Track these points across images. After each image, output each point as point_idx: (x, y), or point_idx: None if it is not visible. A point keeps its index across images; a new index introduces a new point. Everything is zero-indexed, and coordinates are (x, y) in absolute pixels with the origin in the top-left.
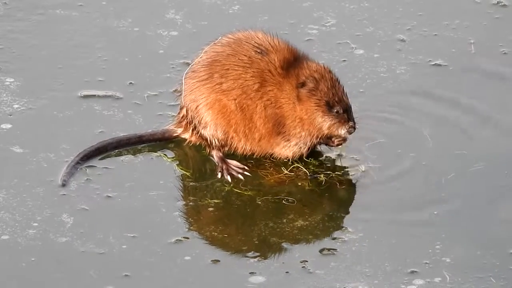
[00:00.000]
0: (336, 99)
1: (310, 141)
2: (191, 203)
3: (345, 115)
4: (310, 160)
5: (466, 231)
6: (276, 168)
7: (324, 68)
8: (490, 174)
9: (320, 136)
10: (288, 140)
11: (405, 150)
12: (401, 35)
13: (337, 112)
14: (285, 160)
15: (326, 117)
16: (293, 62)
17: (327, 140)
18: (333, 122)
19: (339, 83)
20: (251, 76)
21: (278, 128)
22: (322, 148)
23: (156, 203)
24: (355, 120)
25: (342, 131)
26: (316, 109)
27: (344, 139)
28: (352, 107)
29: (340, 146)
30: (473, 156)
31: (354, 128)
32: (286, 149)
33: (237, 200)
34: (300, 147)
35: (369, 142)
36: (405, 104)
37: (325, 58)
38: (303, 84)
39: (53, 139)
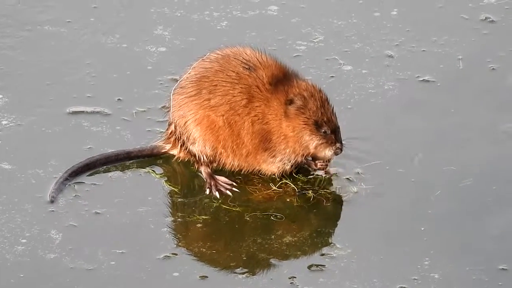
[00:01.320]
0: (325, 119)
1: (294, 159)
2: (179, 219)
3: (333, 136)
4: (298, 176)
5: (454, 246)
6: (264, 184)
7: (314, 87)
8: (478, 190)
9: (305, 155)
10: (274, 156)
11: (393, 166)
12: (389, 51)
13: (324, 132)
14: (272, 176)
15: (314, 136)
16: (282, 78)
17: (310, 162)
18: (320, 142)
19: (328, 103)
20: (239, 92)
21: (265, 144)
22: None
23: (145, 219)
24: (343, 141)
25: (329, 152)
26: (303, 128)
27: (327, 163)
28: (340, 126)
29: (321, 171)
30: (462, 172)
31: (341, 150)
32: (272, 165)
33: (225, 216)
34: (285, 163)
35: (364, 164)
36: (393, 120)
37: (313, 74)
38: (291, 102)
39: (42, 155)
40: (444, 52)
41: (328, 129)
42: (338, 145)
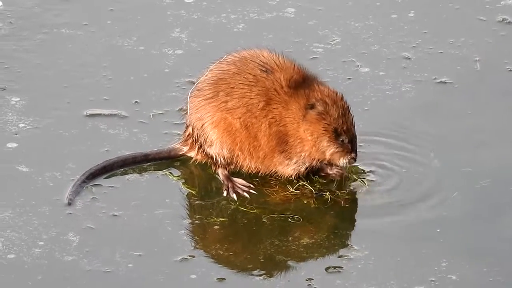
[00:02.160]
0: (345, 128)
1: (308, 162)
2: (197, 221)
3: (350, 145)
4: (315, 178)
5: (472, 248)
6: (281, 186)
7: (337, 94)
8: (495, 191)
9: (320, 160)
10: (290, 158)
11: (410, 168)
12: (406, 52)
13: (342, 141)
14: (289, 178)
15: (332, 143)
16: (302, 82)
17: (325, 166)
18: (336, 150)
19: (349, 112)
20: (256, 95)
21: (281, 146)
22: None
23: (162, 221)
24: (357, 151)
25: (343, 161)
26: (323, 133)
27: (342, 174)
28: (357, 126)
29: (335, 177)
30: (479, 173)
31: (355, 160)
32: (287, 167)
33: (242, 218)
34: (299, 166)
35: (380, 167)
36: (411, 122)
37: (330, 76)
38: (312, 106)
39: (59, 158)
40: (461, 53)
41: (346, 138)
42: (353, 155)
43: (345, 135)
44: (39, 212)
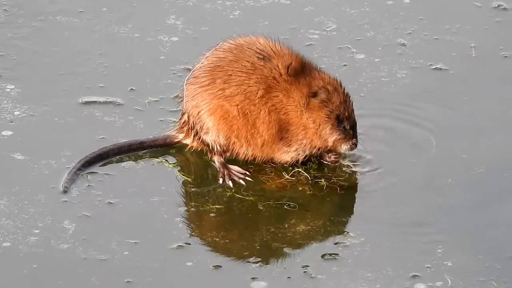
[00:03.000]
0: (346, 114)
1: (309, 150)
2: (192, 208)
3: (351, 131)
4: (310, 165)
5: (467, 235)
6: (277, 173)
7: (337, 81)
8: (491, 178)
9: (321, 148)
10: (289, 145)
11: (406, 155)
12: (401, 39)
13: (344, 127)
14: (285, 165)
15: (334, 130)
16: (301, 69)
17: (324, 154)
18: (339, 137)
19: (349, 98)
20: (255, 82)
21: (281, 133)
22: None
23: (158, 209)
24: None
25: (345, 147)
26: (326, 121)
27: (339, 157)
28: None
29: (334, 164)
30: (474, 160)
31: (356, 146)
32: (286, 155)
33: (238, 205)
34: (299, 154)
35: (377, 154)
36: (406, 108)
37: (326, 63)
38: (315, 94)
39: (54, 145)
40: (457, 40)
41: (348, 124)
42: (354, 140)
43: (346, 122)
44: (35, 200)
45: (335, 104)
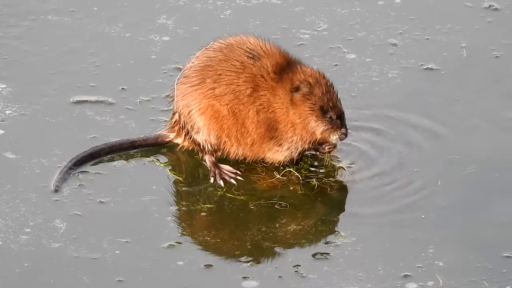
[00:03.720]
0: (331, 104)
1: (301, 146)
2: (184, 208)
3: (338, 121)
4: (302, 164)
5: (458, 234)
6: (268, 173)
7: (319, 73)
8: (482, 178)
9: (312, 142)
10: (280, 144)
11: (397, 155)
12: (393, 39)
13: (330, 117)
14: (276, 164)
15: (320, 122)
16: (286, 66)
17: (318, 146)
18: (326, 127)
19: (333, 88)
20: (244, 81)
21: (271, 133)
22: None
23: (149, 208)
24: (347, 127)
25: (334, 137)
26: (310, 114)
27: (335, 146)
28: (345, 112)
29: (329, 154)
30: (465, 160)
31: (346, 135)
32: (278, 154)
33: (230, 204)
34: (292, 152)
35: (368, 156)
36: (397, 108)
37: (317, 63)
38: (297, 89)
39: (46, 144)
40: (448, 40)
41: (334, 114)
42: (343, 130)
43: (332, 112)
44: (26, 199)
45: (318, 96)
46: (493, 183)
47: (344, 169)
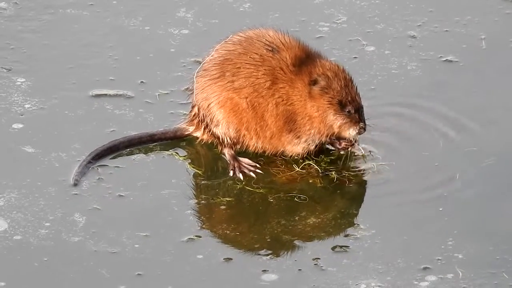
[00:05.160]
0: (349, 98)
1: (318, 139)
2: (203, 201)
3: (357, 115)
4: (321, 157)
5: (478, 227)
6: (287, 166)
7: (338, 66)
8: (501, 170)
9: (329, 135)
10: (299, 137)
11: (416, 147)
12: (412, 31)
13: (348, 111)
14: (296, 157)
15: (338, 115)
16: (305, 59)
17: (334, 141)
18: (344, 121)
19: (352, 82)
20: (263, 74)
21: (289, 125)
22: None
23: (168, 201)
24: (366, 121)
25: (353, 132)
26: (328, 107)
27: (352, 144)
28: (364, 106)
29: (345, 150)
30: (484, 152)
31: (364, 129)
32: (296, 146)
33: (249, 198)
34: (309, 144)
35: (386, 147)
36: (416, 100)
37: (336, 55)
38: (315, 82)
39: (65, 138)
40: (467, 32)
41: (352, 108)
42: (361, 124)
43: (350, 106)
44: (45, 193)
45: (336, 90)
46: None
47: (363, 159)
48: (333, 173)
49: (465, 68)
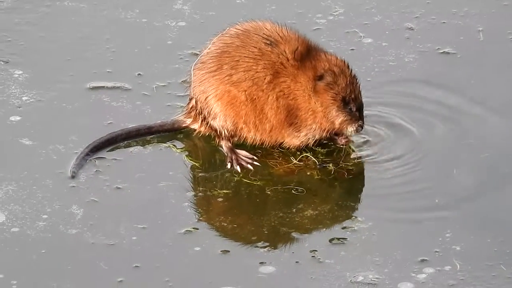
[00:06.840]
0: (353, 96)
1: (319, 134)
2: (200, 193)
3: (357, 113)
4: (318, 149)
5: (475, 219)
6: (285, 158)
7: (344, 62)
8: (498, 162)
9: (329, 130)
10: (299, 130)
11: (413, 140)
12: (409, 23)
13: (350, 109)
14: (293, 149)
15: (340, 112)
16: (307, 53)
17: (334, 137)
18: (345, 118)
19: (356, 80)
20: (263, 68)
21: (291, 119)
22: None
23: (166, 194)
24: (364, 119)
25: (351, 129)
26: (331, 103)
27: (350, 140)
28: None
29: (345, 145)
30: (481, 144)
31: (362, 127)
32: (295, 139)
33: (246, 190)
34: (309, 138)
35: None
36: (414, 92)
37: (333, 47)
38: (321, 77)
39: (62, 131)
40: (464, 24)
41: (354, 106)
42: (360, 122)
43: (353, 103)
44: (43, 185)
45: (341, 86)
46: (510, 167)
47: (355, 151)
48: (330, 165)
49: (462, 60)
